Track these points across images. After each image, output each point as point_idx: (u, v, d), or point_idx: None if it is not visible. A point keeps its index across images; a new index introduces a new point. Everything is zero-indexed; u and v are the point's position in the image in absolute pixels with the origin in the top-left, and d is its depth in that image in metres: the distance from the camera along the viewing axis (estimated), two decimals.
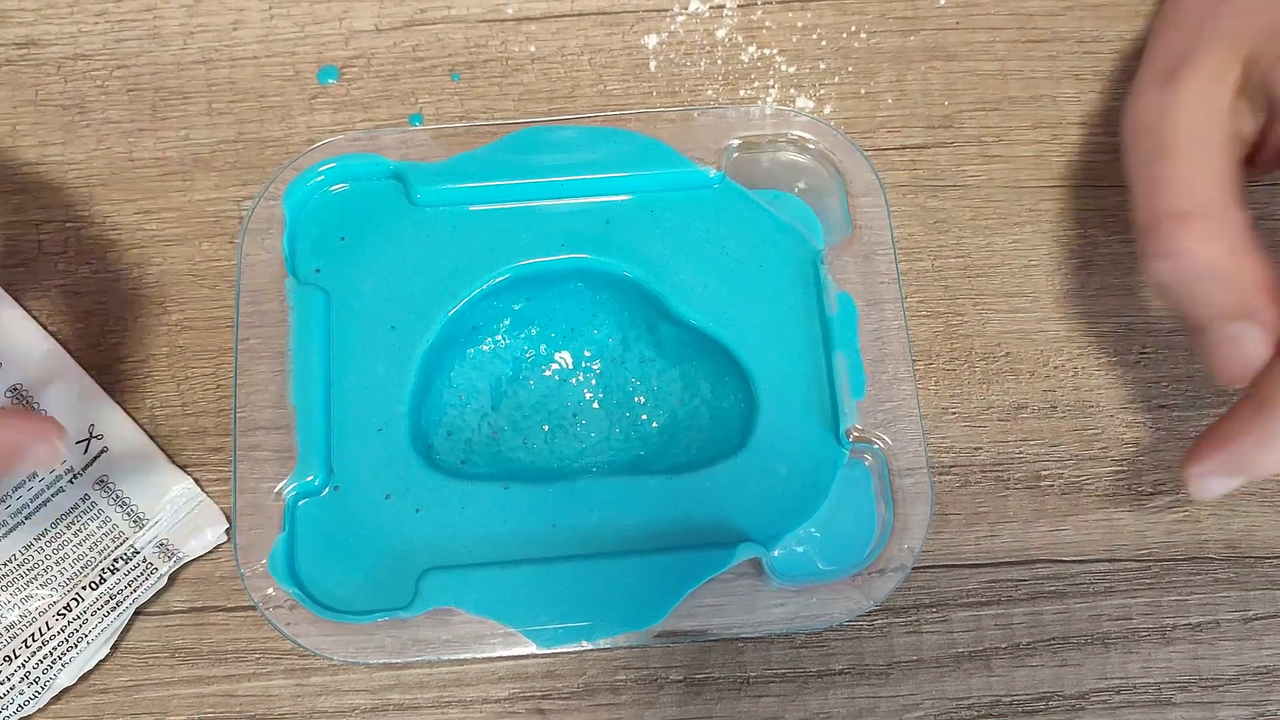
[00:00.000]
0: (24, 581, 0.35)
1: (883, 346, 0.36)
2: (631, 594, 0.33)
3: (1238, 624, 0.36)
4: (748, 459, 0.35)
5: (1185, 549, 0.37)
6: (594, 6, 0.42)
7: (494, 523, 0.34)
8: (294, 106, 0.41)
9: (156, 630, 0.36)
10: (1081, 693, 0.36)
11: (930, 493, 0.35)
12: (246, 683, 0.35)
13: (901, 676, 0.36)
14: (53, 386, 0.37)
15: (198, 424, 0.37)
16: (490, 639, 0.33)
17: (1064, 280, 0.39)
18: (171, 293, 0.39)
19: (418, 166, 0.37)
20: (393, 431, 0.34)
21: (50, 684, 0.34)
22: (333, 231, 0.37)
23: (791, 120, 0.38)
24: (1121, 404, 0.38)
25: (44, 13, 0.41)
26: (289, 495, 0.34)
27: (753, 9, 0.42)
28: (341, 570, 0.33)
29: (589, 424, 0.37)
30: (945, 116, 0.41)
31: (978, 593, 0.36)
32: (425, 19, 0.42)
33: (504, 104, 0.41)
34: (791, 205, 0.38)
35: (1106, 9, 0.42)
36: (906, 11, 0.42)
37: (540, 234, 0.36)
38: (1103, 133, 0.41)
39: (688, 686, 0.36)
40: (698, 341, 0.36)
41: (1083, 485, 0.37)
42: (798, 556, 0.34)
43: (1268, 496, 0.37)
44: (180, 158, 0.40)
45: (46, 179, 0.40)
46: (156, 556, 0.36)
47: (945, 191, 0.40)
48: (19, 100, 0.41)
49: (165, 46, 0.41)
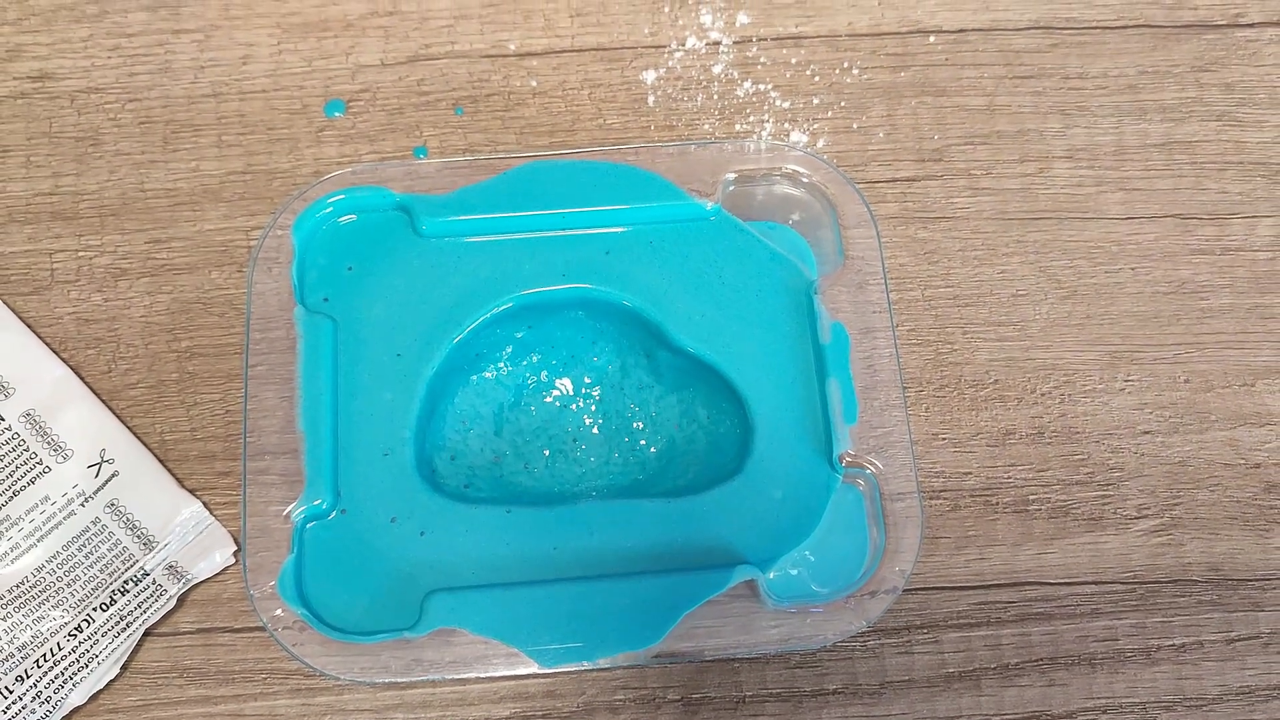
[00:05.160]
0: (36, 603, 0.36)
1: (874, 374, 0.37)
2: (631, 615, 0.34)
3: (1221, 645, 0.37)
4: (743, 483, 0.35)
5: (1169, 572, 0.38)
6: (594, 43, 0.43)
7: (497, 545, 0.35)
8: (301, 139, 0.42)
9: (166, 651, 0.37)
10: (1069, 712, 0.36)
11: (921, 516, 0.36)
12: (253, 702, 0.36)
13: (894, 696, 0.37)
14: (65, 411, 0.38)
15: (206, 449, 0.38)
16: (493, 659, 0.34)
17: (1050, 310, 0.40)
18: (181, 320, 0.40)
19: (423, 199, 0.38)
20: (398, 456, 0.35)
21: (62, 703, 0.35)
22: (340, 261, 0.37)
23: (786, 154, 0.39)
24: (1106, 430, 0.39)
25: (58, 47, 0.43)
26: (297, 518, 0.35)
27: (748, 45, 0.43)
28: (348, 592, 0.34)
29: (589, 449, 0.38)
30: (935, 150, 0.42)
31: (968, 614, 0.37)
32: (430, 54, 0.43)
33: (506, 137, 0.42)
34: (786, 236, 0.39)
35: (1090, 47, 0.43)
36: (897, 48, 0.43)
37: (542, 264, 0.37)
38: (1087, 166, 0.42)
39: (685, 706, 0.36)
40: (695, 369, 0.37)
41: (1069, 509, 0.38)
42: (792, 579, 0.35)
43: (1249, 520, 0.38)
44: (190, 188, 0.41)
45: (60, 209, 0.41)
46: (166, 578, 0.37)
47: (935, 223, 0.41)
48: (33, 132, 0.42)
49: (176, 80, 0.42)
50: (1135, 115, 0.43)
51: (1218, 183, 0.42)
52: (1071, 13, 0.44)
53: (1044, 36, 0.43)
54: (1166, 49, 0.43)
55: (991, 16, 0.44)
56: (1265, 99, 0.43)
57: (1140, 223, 0.41)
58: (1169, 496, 0.38)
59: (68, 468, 0.37)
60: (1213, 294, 0.41)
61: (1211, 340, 0.40)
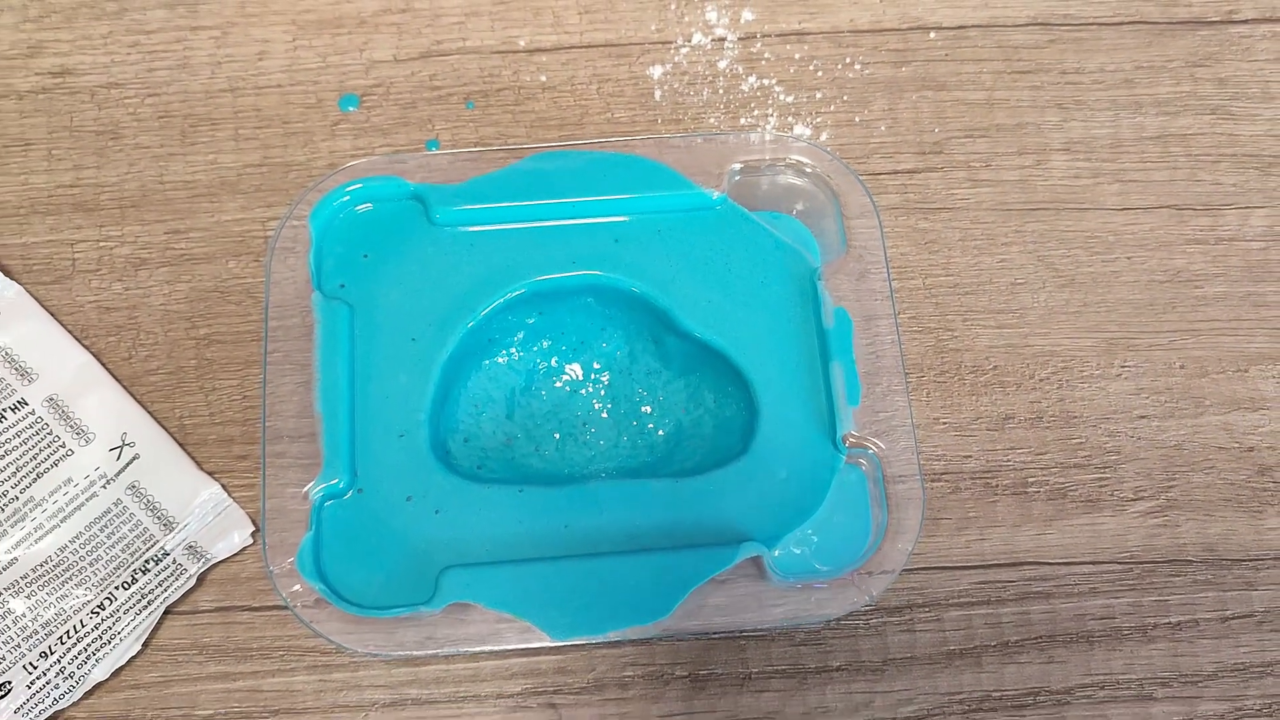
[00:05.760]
0: (60, 581, 0.37)
1: (877, 360, 0.38)
2: (640, 590, 0.35)
3: (1215, 623, 0.38)
4: (749, 463, 0.36)
5: (1165, 552, 0.39)
6: (602, 39, 0.44)
7: (510, 523, 0.35)
8: (316, 132, 0.43)
9: (186, 628, 0.37)
10: (1067, 688, 0.37)
11: (922, 497, 0.36)
12: (271, 678, 0.37)
13: (896, 673, 0.37)
14: (87, 397, 0.39)
15: (225, 433, 0.39)
16: (506, 634, 0.35)
17: (1048, 298, 0.41)
18: (200, 308, 0.41)
19: (437, 188, 0.39)
20: (413, 437, 0.36)
21: (85, 679, 0.36)
22: (356, 249, 0.38)
23: (790, 145, 0.40)
24: (1103, 414, 0.40)
25: (79, 44, 0.44)
26: (315, 497, 0.36)
27: (752, 42, 0.44)
28: (365, 568, 0.35)
29: (598, 432, 0.39)
30: (935, 143, 0.43)
31: (968, 593, 0.38)
32: (442, 50, 0.44)
33: (516, 130, 0.43)
34: (790, 226, 0.39)
35: (1087, 43, 0.44)
36: (898, 44, 0.44)
37: (552, 252, 0.38)
38: (1084, 158, 0.43)
39: (693, 682, 0.37)
40: (702, 353, 0.38)
41: (1067, 491, 0.39)
42: (796, 556, 0.36)
43: (1243, 502, 0.39)
44: (208, 181, 0.42)
45: (81, 200, 0.42)
46: (186, 558, 0.37)
47: (935, 213, 0.42)
48: (55, 126, 0.43)
49: (194, 76, 0.43)
50: (1131, 109, 0.44)
51: (1212, 175, 0.43)
52: (1069, 9, 0.45)
53: (1042, 32, 0.44)
54: (1162, 45, 0.44)
55: (990, 13, 0.45)
56: (1258, 93, 0.44)
57: (1136, 213, 0.42)
58: (1165, 479, 0.39)
59: (90, 451, 0.38)
60: (1207, 282, 0.42)
61: (1206, 327, 0.41)
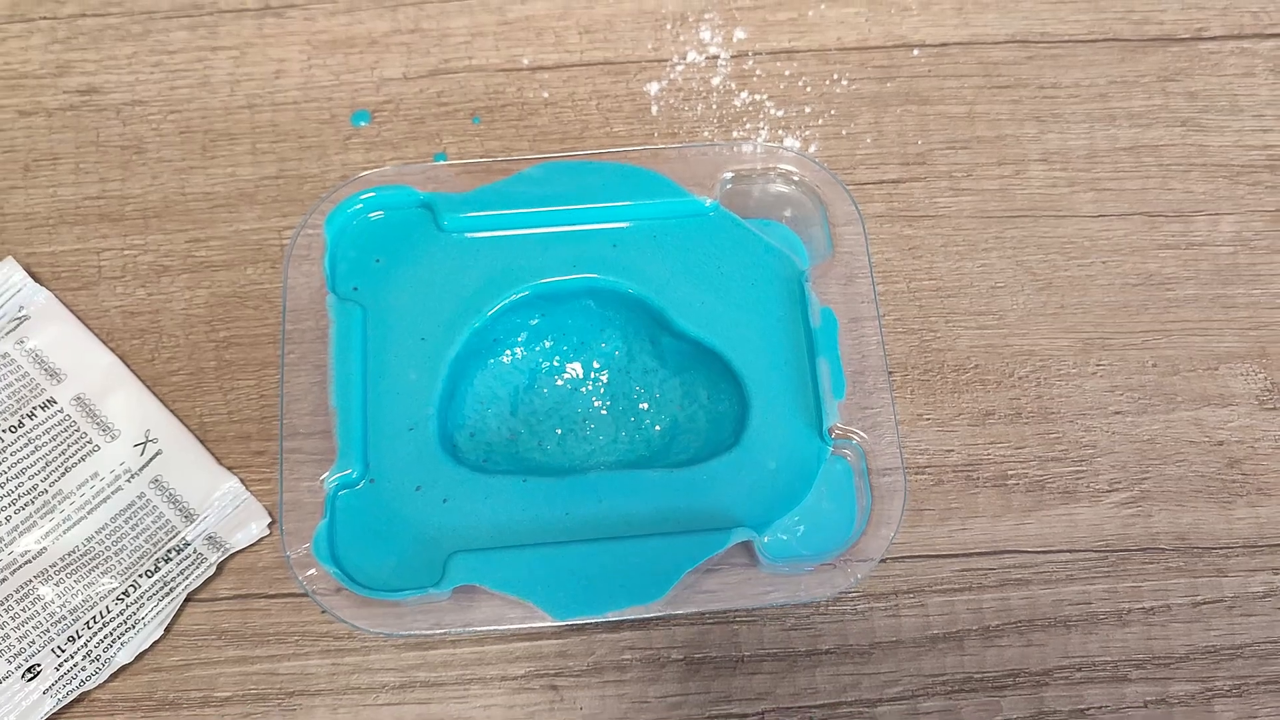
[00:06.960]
0: (87, 569, 0.39)
1: (862, 359, 0.39)
2: (637, 572, 0.36)
3: (1187, 608, 0.40)
4: (740, 455, 0.38)
5: (1139, 540, 0.40)
6: (601, 57, 0.46)
7: (514, 511, 0.37)
8: (330, 146, 0.45)
9: (206, 615, 0.39)
10: (1046, 670, 0.39)
11: (905, 488, 0.38)
12: (287, 662, 0.39)
13: (882, 656, 0.39)
14: (113, 396, 0.41)
15: (243, 430, 0.41)
16: (510, 616, 0.37)
17: (1027, 300, 0.43)
18: (219, 313, 0.43)
19: (445, 197, 0.41)
20: (422, 431, 0.38)
21: (110, 662, 0.38)
22: (369, 254, 0.40)
23: (780, 156, 0.42)
24: (1080, 411, 0.42)
25: (104, 63, 0.46)
26: (330, 486, 0.37)
27: (744, 59, 0.46)
28: (377, 554, 0.37)
29: (598, 428, 0.41)
30: (919, 154, 0.45)
31: (951, 580, 0.40)
32: (449, 68, 0.46)
33: (520, 144, 0.45)
34: (779, 232, 0.41)
35: (1063, 59, 0.46)
36: (883, 61, 0.46)
37: (554, 257, 0.40)
38: (1061, 168, 0.45)
39: (688, 665, 0.39)
40: (696, 352, 0.40)
41: (1045, 484, 0.41)
42: (785, 543, 0.37)
43: (1213, 493, 0.41)
44: (227, 192, 0.44)
45: (107, 211, 0.44)
46: (206, 548, 0.39)
47: (919, 221, 0.44)
48: (82, 141, 0.45)
49: (214, 93, 0.46)
50: (1105, 121, 0.46)
51: (1183, 183, 0.45)
52: (1046, 27, 0.47)
53: (1020, 49, 0.47)
54: (1134, 60, 0.47)
55: (971, 31, 0.47)
56: (1226, 106, 0.46)
57: (1110, 220, 0.44)
58: (1138, 471, 0.41)
59: (115, 447, 0.40)
60: (1178, 285, 0.43)
61: (1177, 328, 0.43)
